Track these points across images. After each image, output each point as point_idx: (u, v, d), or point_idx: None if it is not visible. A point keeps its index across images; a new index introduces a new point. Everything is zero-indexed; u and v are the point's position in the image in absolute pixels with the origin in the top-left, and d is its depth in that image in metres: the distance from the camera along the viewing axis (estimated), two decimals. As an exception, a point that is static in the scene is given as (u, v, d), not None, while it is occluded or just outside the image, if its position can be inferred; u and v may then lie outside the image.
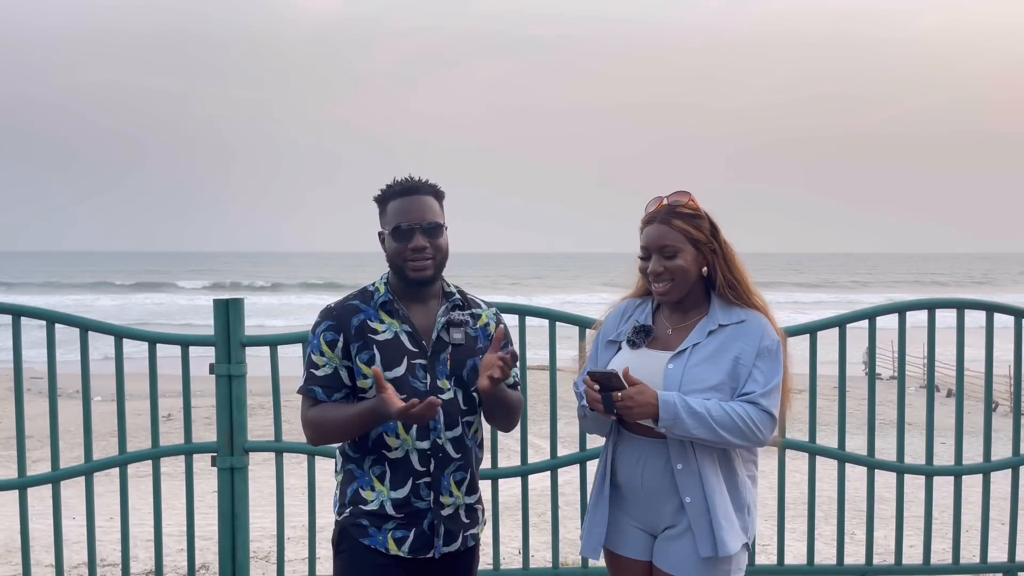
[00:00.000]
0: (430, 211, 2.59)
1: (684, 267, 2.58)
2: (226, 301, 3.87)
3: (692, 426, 2.43)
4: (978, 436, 4.15)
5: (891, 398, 4.86)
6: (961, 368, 4.08)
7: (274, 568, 5.57)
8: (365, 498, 2.58)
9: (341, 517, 2.62)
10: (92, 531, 3.88)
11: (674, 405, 2.44)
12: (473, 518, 2.69)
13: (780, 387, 2.55)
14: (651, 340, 2.66)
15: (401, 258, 2.57)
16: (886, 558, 5.01)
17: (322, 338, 2.58)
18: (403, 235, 2.56)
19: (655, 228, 2.61)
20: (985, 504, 4.04)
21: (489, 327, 2.71)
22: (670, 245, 2.58)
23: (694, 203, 2.63)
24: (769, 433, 2.52)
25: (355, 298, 2.65)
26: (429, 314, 2.63)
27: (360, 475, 2.60)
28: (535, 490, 4.37)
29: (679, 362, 2.56)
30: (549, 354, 3.99)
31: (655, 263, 2.60)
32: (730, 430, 2.45)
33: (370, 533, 2.56)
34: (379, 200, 2.65)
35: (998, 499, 4.31)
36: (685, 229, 2.58)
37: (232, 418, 3.85)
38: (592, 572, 4.02)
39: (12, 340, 3.77)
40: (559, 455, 4.01)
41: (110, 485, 5.19)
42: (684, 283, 2.60)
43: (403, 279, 2.61)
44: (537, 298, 45.82)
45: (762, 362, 2.54)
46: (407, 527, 2.56)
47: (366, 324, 2.58)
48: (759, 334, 2.56)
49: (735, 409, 2.46)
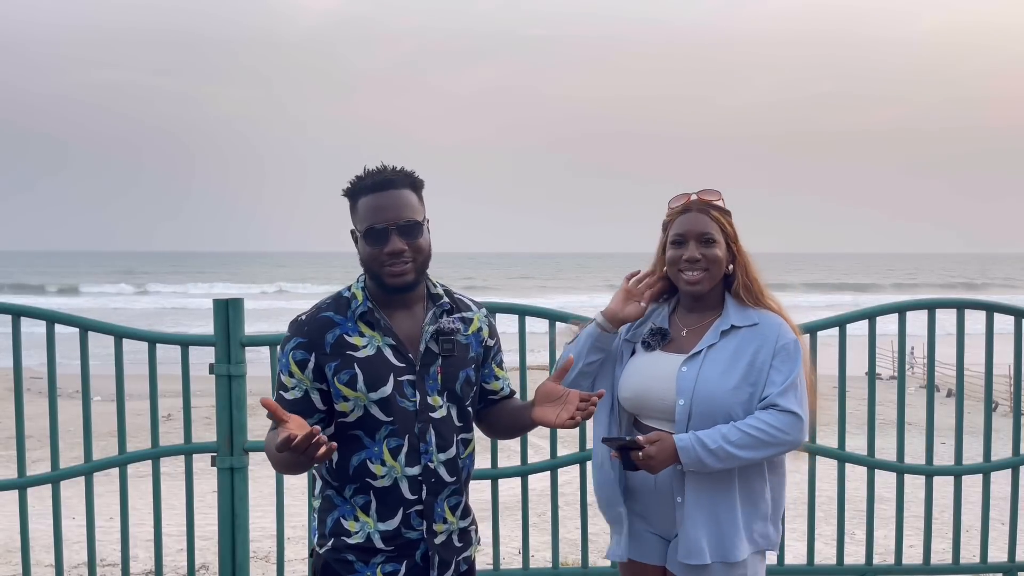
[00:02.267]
0: (407, 207, 2.28)
1: (720, 257, 2.57)
2: (226, 301, 3.87)
3: (714, 463, 2.41)
4: (978, 436, 4.14)
5: (891, 398, 4.86)
6: (961, 368, 4.08)
7: (274, 568, 5.56)
8: (348, 529, 2.31)
9: (323, 550, 2.34)
10: (92, 531, 3.88)
11: (693, 449, 2.41)
12: (467, 541, 2.45)
13: (799, 384, 2.49)
14: (667, 343, 2.63)
15: (377, 263, 2.28)
16: (886, 558, 5.01)
17: (291, 357, 2.28)
18: (377, 236, 2.26)
19: (694, 216, 2.59)
20: (985, 504, 4.04)
21: (482, 332, 2.47)
22: (709, 233, 2.56)
23: (723, 201, 2.64)
24: (798, 433, 2.46)
25: (328, 308, 2.33)
26: (415, 322, 2.34)
27: (341, 503, 2.33)
28: (535, 490, 4.36)
29: (692, 365, 2.53)
30: (549, 354, 3.99)
31: (692, 249, 2.56)
32: (753, 447, 2.41)
33: (356, 569, 2.30)
34: (349, 194, 2.34)
35: (998, 499, 4.31)
36: (721, 222, 2.59)
37: (232, 418, 3.85)
38: (592, 572, 4.02)
39: (12, 340, 3.77)
40: (559, 455, 4.01)
41: (110, 485, 5.18)
42: (716, 275, 2.58)
43: (380, 285, 2.31)
44: (558, 298, 45.49)
45: (779, 362, 2.50)
46: (398, 560, 2.31)
47: (343, 339, 2.28)
48: (775, 334, 2.52)
49: (752, 424, 2.42)
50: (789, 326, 2.58)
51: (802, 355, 2.54)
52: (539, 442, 7.58)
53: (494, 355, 2.53)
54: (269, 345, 3.91)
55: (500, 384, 2.55)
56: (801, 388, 2.50)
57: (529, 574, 4.00)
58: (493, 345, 2.52)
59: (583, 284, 68.28)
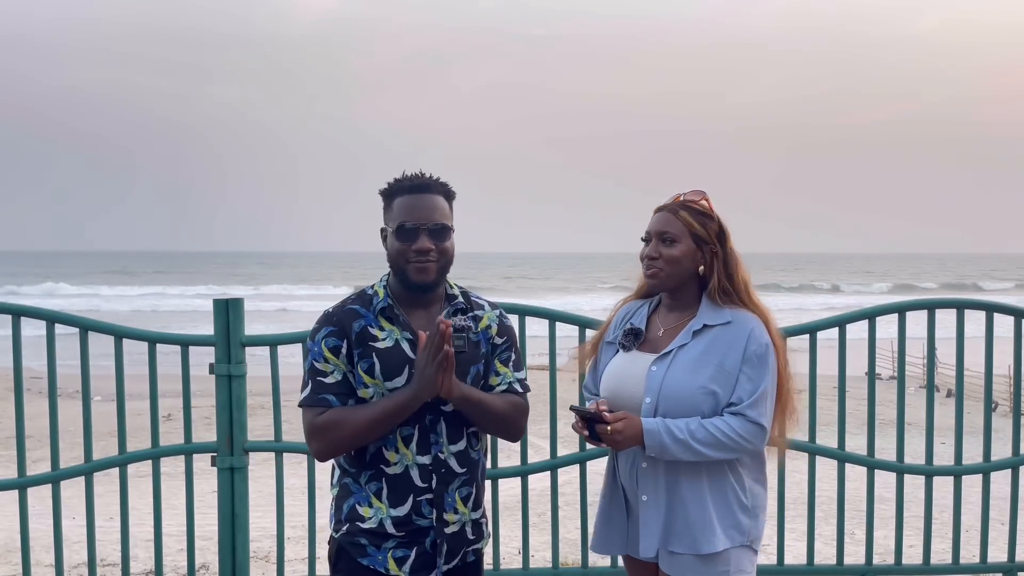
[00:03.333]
0: (438, 211, 2.46)
1: (677, 257, 2.61)
2: (226, 301, 3.87)
3: (677, 452, 2.49)
4: (978, 436, 4.14)
5: (891, 398, 4.86)
6: (961, 368, 4.08)
7: (274, 568, 5.56)
8: (363, 515, 2.45)
9: (338, 534, 2.49)
10: (92, 531, 3.88)
11: (658, 433, 2.48)
12: (478, 533, 2.57)
13: (769, 394, 2.55)
14: (642, 342, 2.69)
15: (403, 259, 2.44)
16: (886, 558, 5.01)
17: (324, 344, 2.45)
18: (407, 234, 2.43)
19: (661, 215, 2.66)
20: (985, 504, 4.04)
21: (491, 329, 2.58)
22: (669, 232, 2.62)
23: (707, 203, 2.67)
24: (759, 443, 2.55)
25: (354, 302, 2.52)
26: (431, 319, 2.49)
27: (357, 490, 2.48)
28: (535, 490, 4.36)
29: (662, 364, 2.59)
30: (549, 354, 3.99)
31: (651, 247, 2.65)
32: (715, 448, 2.49)
33: (369, 552, 2.44)
34: (385, 194, 2.52)
35: (998, 499, 4.31)
36: (689, 222, 2.62)
37: (232, 418, 3.85)
38: (592, 572, 4.02)
39: (12, 340, 3.77)
40: (559, 455, 4.01)
41: (110, 485, 5.18)
42: (674, 273, 2.63)
43: (404, 281, 2.48)
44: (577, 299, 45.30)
45: (749, 368, 2.54)
46: (408, 546, 2.44)
47: (367, 331, 2.45)
48: (745, 338, 2.56)
49: (718, 427, 2.49)
50: (766, 328, 2.60)
51: (774, 358, 2.58)
52: (539, 442, 7.55)
53: (500, 352, 2.60)
54: (269, 345, 3.92)
55: (498, 380, 2.58)
56: (770, 398, 2.57)
57: (529, 574, 4.01)
58: (501, 343, 2.61)
59: (579, 285, 68.11)
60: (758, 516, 2.64)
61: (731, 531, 2.57)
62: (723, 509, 2.57)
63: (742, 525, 2.59)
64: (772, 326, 2.64)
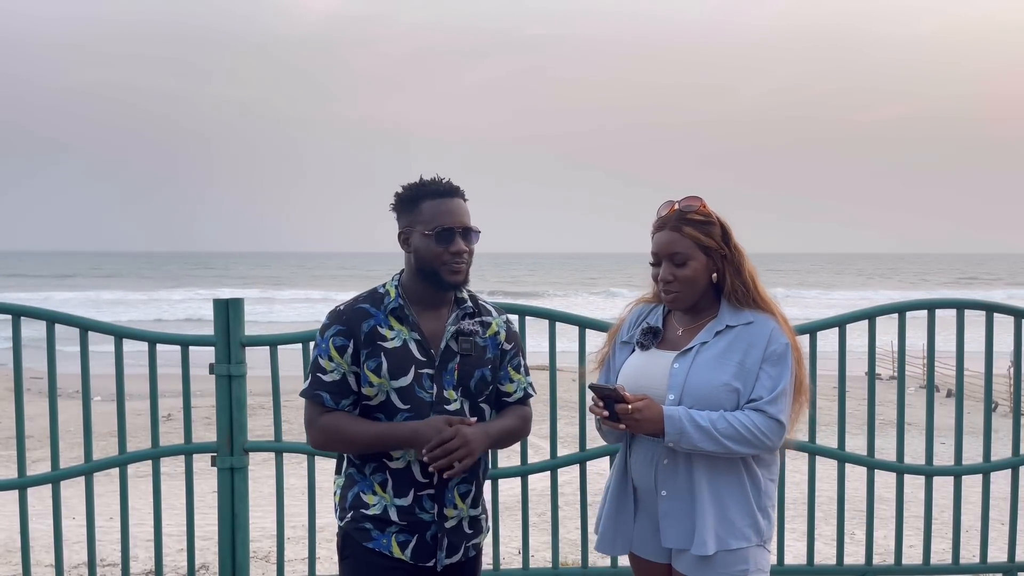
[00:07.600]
0: (468, 215, 2.54)
1: (693, 277, 2.59)
2: (226, 301, 3.87)
3: (698, 439, 2.46)
4: (978, 436, 4.14)
5: (891, 398, 4.86)
6: (961, 368, 4.08)
7: (274, 568, 5.56)
8: (367, 502, 2.53)
9: (343, 522, 2.57)
10: (92, 531, 3.88)
11: (680, 420, 2.46)
12: (476, 528, 2.65)
13: (788, 392, 2.55)
14: (660, 341, 2.68)
15: (439, 261, 2.49)
16: (886, 558, 5.01)
17: (331, 343, 2.50)
18: (447, 237, 2.48)
19: (666, 235, 2.62)
20: (985, 504, 4.04)
21: (499, 335, 2.64)
22: (680, 253, 2.59)
23: (705, 208, 2.64)
24: (778, 440, 2.53)
25: (365, 301, 2.56)
26: (440, 321, 2.56)
27: (361, 480, 2.56)
28: (535, 490, 4.37)
29: (684, 361, 2.58)
30: (549, 354, 3.99)
31: (665, 271, 2.61)
32: (736, 441, 2.47)
33: (373, 536, 2.51)
34: (407, 198, 2.55)
35: (998, 499, 4.31)
36: (696, 236, 2.59)
37: (232, 418, 3.85)
38: (592, 572, 4.02)
39: (12, 340, 3.77)
40: (559, 455, 4.01)
41: (110, 485, 5.19)
42: (693, 292, 2.62)
43: (437, 282, 2.52)
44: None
45: (769, 366, 2.54)
46: (410, 533, 2.52)
47: (376, 330, 2.50)
48: (766, 337, 2.56)
49: (740, 420, 2.48)
50: (783, 328, 2.61)
51: (793, 357, 2.58)
52: (539, 442, 7.56)
53: (510, 358, 2.67)
54: (269, 345, 3.92)
55: (514, 387, 2.69)
56: (789, 396, 2.56)
57: (529, 574, 4.00)
58: (509, 349, 2.67)
59: (583, 286, 68.08)
60: (771, 516, 2.64)
61: (749, 530, 2.56)
62: (744, 508, 2.56)
63: (759, 524, 2.59)
64: (787, 325, 2.65)
